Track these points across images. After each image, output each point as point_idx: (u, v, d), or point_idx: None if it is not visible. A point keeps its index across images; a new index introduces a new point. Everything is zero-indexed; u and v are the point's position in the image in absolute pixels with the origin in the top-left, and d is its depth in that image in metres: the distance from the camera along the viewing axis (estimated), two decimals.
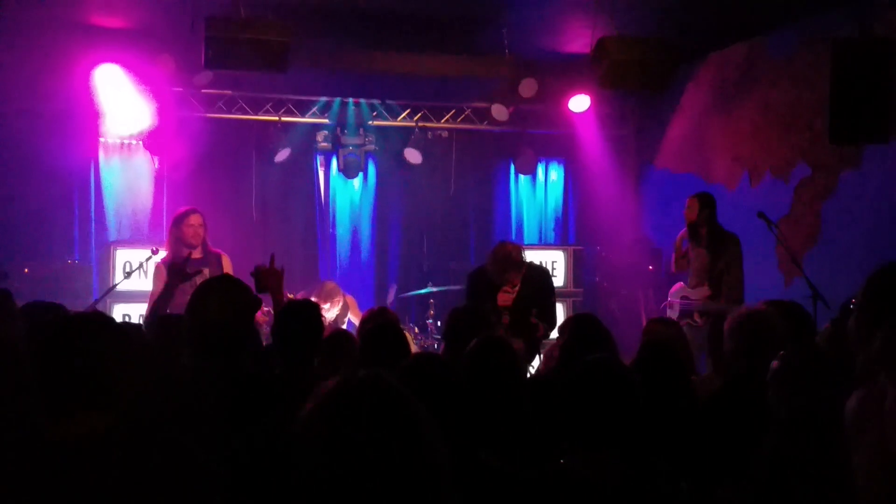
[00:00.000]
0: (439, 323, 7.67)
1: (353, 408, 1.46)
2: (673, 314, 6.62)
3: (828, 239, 6.77)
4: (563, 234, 9.73)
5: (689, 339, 4.89)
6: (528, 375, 5.43)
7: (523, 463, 2.61)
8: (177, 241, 6.43)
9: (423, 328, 7.77)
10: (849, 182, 6.63)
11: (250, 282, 3.83)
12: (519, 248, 5.84)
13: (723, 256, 6.47)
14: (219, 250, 6.66)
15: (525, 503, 2.31)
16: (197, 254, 6.41)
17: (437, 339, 7.48)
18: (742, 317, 3.55)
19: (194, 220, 6.46)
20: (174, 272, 5.77)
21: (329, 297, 6.98)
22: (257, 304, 3.09)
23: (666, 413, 3.25)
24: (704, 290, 6.57)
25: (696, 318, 6.56)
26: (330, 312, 6.92)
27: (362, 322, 4.72)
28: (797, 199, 7.08)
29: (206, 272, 6.37)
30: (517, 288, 5.77)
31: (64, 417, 2.06)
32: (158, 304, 4.45)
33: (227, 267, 6.62)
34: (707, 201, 6.60)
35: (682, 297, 6.72)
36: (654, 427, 2.55)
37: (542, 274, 6.07)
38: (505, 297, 5.75)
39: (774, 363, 3.03)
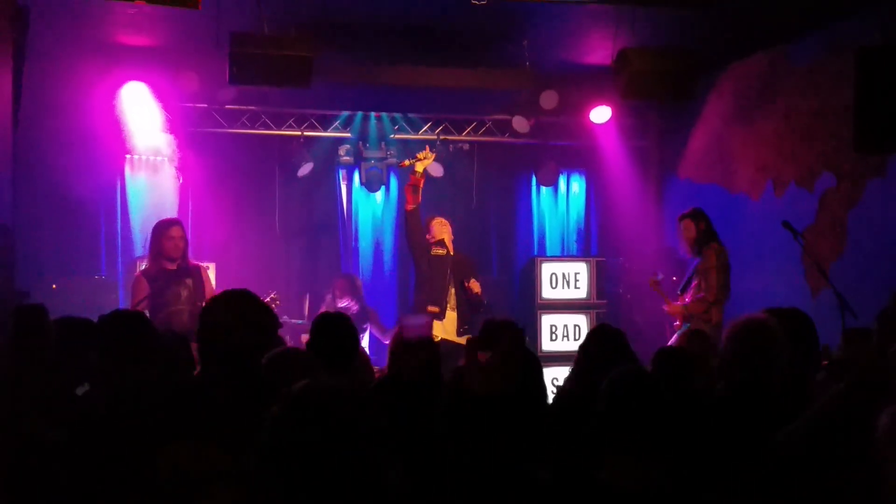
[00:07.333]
0: None
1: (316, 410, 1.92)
2: None
3: (854, 248, 6.70)
4: (585, 246, 9.69)
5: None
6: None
7: (563, 474, 2.60)
8: (157, 253, 6.34)
9: None
10: (875, 190, 6.56)
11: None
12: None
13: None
14: (198, 263, 6.56)
15: None
16: (173, 266, 6.27)
17: None
18: (741, 324, 3.41)
19: (175, 232, 6.34)
20: (155, 278, 5.87)
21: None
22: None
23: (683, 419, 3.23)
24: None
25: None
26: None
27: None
28: (822, 208, 7.01)
29: (190, 283, 6.30)
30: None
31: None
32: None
33: (209, 279, 6.57)
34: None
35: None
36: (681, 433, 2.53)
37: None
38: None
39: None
